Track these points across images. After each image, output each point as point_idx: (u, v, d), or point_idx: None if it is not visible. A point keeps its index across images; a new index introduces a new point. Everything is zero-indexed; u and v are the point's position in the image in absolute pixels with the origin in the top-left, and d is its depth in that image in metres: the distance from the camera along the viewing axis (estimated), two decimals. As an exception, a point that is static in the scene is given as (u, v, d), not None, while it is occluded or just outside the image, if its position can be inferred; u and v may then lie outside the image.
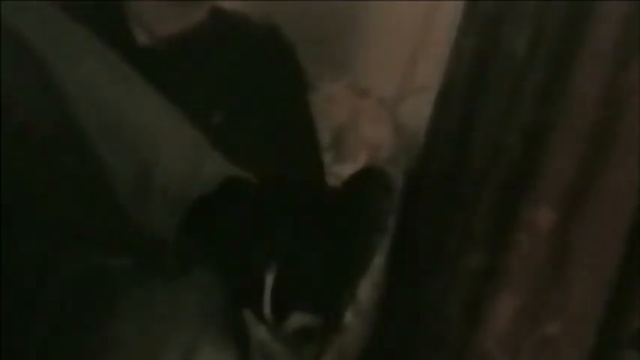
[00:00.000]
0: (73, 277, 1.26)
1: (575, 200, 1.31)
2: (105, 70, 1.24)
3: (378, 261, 1.49)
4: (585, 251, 1.32)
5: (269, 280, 1.20)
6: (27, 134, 1.20)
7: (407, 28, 1.80)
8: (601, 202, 1.31)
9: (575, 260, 1.32)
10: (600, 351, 1.37)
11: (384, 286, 1.51)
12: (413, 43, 1.79)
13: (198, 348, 1.25)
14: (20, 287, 1.25)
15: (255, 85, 1.45)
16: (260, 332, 1.23)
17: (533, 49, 1.36)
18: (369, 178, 1.40)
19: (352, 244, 1.34)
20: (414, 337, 1.46)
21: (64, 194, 1.23)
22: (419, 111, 1.64)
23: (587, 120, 1.30)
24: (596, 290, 1.34)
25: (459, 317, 1.39)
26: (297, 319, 1.20)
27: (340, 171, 1.52)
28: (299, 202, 1.28)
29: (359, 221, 1.32)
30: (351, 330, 1.45)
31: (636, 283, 1.36)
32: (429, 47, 1.77)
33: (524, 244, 1.33)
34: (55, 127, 1.20)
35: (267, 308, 1.20)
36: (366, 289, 1.48)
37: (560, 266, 1.33)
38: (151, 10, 1.43)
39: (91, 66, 1.23)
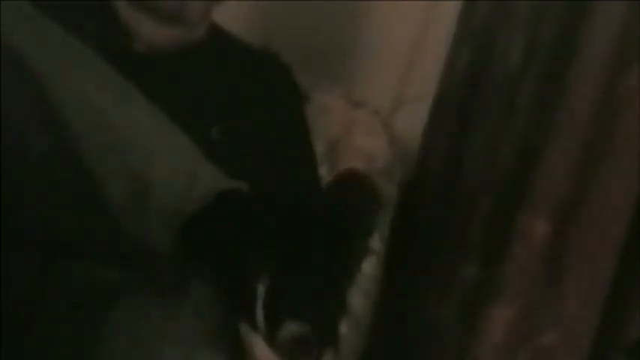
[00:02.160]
0: (68, 290, 1.26)
1: (569, 211, 1.31)
2: (100, 83, 1.23)
3: (373, 271, 1.49)
4: (580, 262, 1.32)
5: (261, 290, 1.20)
6: (22, 148, 1.20)
7: (402, 39, 1.80)
8: (596, 212, 1.31)
9: (570, 270, 1.33)
10: (596, 360, 1.37)
11: (379, 296, 1.51)
12: (408, 54, 1.80)
13: (194, 360, 1.25)
14: (16, 299, 1.25)
15: (252, 100, 1.45)
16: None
17: (527, 60, 1.36)
18: (351, 182, 1.40)
19: (339, 251, 1.34)
20: (410, 348, 1.46)
21: (60, 207, 1.23)
22: (414, 122, 1.64)
23: (582, 131, 1.30)
24: (592, 300, 1.34)
25: (455, 328, 1.39)
26: (289, 330, 1.21)
27: (335, 182, 1.53)
28: (292, 213, 1.28)
29: (344, 227, 1.32)
30: (347, 340, 1.46)
31: (632, 293, 1.37)
32: (423, 58, 1.77)
33: (520, 255, 1.33)
34: (51, 141, 1.20)
35: (259, 318, 1.20)
36: (361, 300, 1.48)
37: (555, 277, 1.33)
38: (146, 24, 1.43)
39: (87, 79, 1.22)
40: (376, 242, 1.48)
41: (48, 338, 1.26)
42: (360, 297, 1.47)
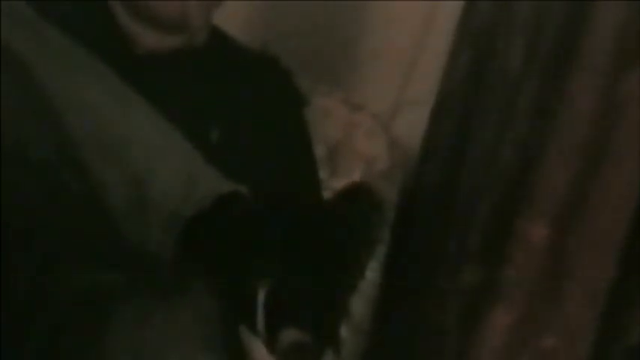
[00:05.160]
0: (68, 294, 1.26)
1: (570, 215, 1.31)
2: (100, 87, 1.24)
3: (373, 276, 1.49)
4: (580, 265, 1.32)
5: (261, 295, 1.20)
6: (23, 152, 1.21)
7: (401, 42, 1.80)
8: (596, 216, 1.31)
9: (570, 274, 1.32)
10: (596, 364, 1.37)
11: (379, 300, 1.51)
12: (407, 56, 1.80)
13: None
14: (16, 302, 1.25)
15: (252, 104, 1.45)
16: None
17: (528, 61, 1.36)
18: (356, 194, 1.40)
19: (342, 261, 1.34)
20: (410, 352, 1.46)
21: (61, 211, 1.23)
22: (414, 125, 1.64)
23: (583, 134, 1.30)
24: (592, 304, 1.34)
25: (455, 331, 1.39)
26: (289, 336, 1.21)
27: (336, 185, 1.53)
28: (293, 218, 1.28)
29: (348, 238, 1.32)
30: (347, 344, 1.46)
31: (632, 296, 1.36)
32: (423, 61, 1.77)
33: (520, 258, 1.33)
34: (51, 144, 1.20)
35: (260, 323, 1.21)
36: (361, 304, 1.48)
37: (556, 280, 1.33)
38: (146, 34, 1.42)
39: (87, 83, 1.23)
40: (377, 247, 1.49)
41: (49, 342, 1.26)
42: (360, 301, 1.47)
